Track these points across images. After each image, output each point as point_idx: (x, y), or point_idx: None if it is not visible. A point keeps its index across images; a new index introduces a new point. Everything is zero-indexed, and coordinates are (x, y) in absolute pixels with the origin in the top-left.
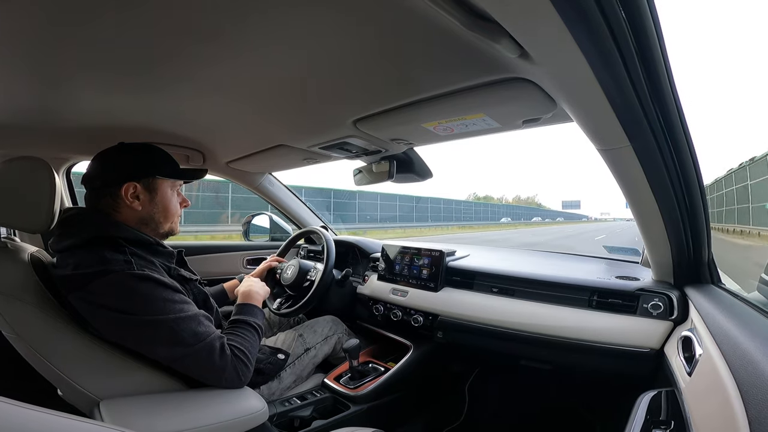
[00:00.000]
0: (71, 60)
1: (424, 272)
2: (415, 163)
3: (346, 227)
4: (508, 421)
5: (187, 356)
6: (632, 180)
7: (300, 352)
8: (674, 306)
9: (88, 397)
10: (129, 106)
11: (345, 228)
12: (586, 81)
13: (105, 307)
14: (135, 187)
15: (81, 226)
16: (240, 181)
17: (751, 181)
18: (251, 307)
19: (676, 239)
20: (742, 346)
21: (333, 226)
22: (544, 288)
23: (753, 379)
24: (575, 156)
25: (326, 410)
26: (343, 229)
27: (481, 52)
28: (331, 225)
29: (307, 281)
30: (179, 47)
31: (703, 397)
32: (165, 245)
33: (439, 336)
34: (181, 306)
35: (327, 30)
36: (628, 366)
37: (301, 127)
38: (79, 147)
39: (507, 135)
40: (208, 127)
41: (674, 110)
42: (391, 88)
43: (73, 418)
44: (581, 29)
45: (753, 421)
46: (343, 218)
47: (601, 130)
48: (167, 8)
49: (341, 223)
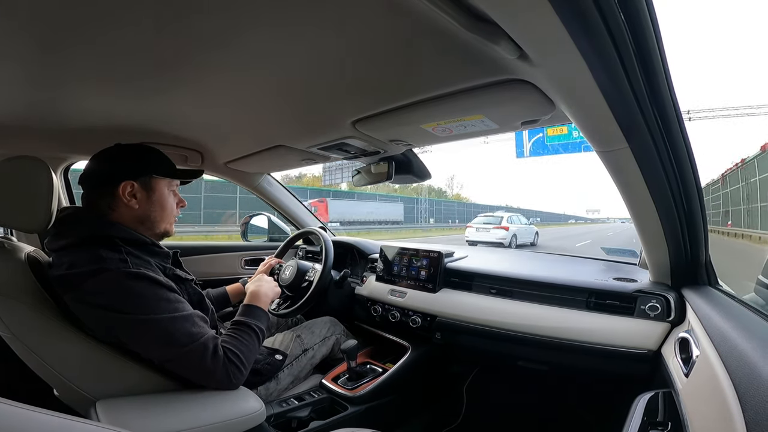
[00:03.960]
0: (71, 61)
1: (422, 273)
2: (414, 164)
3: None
4: (506, 422)
5: (180, 356)
6: (630, 181)
7: (298, 352)
8: (671, 307)
9: (84, 398)
10: (127, 107)
11: (343, 229)
12: (585, 83)
13: (100, 307)
14: (132, 185)
15: (77, 225)
16: (238, 182)
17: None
18: (255, 309)
19: (673, 241)
20: (739, 347)
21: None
22: (542, 289)
23: (750, 381)
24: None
25: (324, 411)
26: (342, 230)
27: (480, 54)
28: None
29: (306, 282)
30: (179, 49)
31: (700, 399)
32: (161, 245)
33: (437, 337)
34: (175, 306)
35: (326, 31)
36: (625, 367)
37: (300, 127)
38: (77, 147)
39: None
40: (206, 127)
41: (672, 112)
42: (390, 89)
43: (69, 419)
44: (580, 31)
45: (750, 422)
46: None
47: (599, 132)
48: (167, 10)
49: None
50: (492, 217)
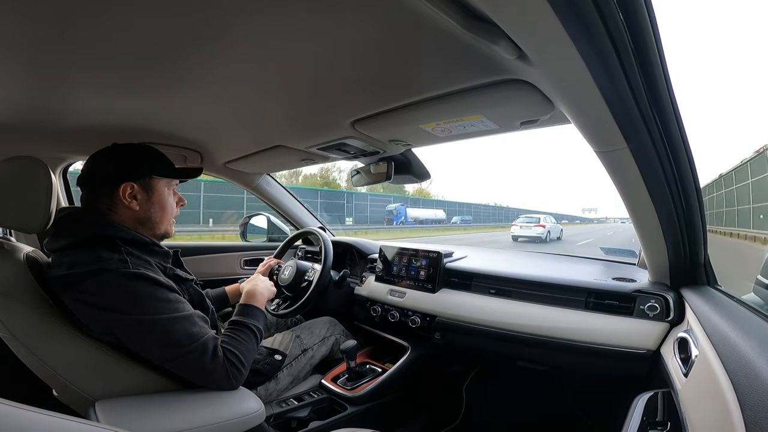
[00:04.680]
0: (70, 60)
1: (421, 273)
2: (413, 165)
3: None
4: (506, 422)
5: (179, 357)
6: (629, 182)
7: (297, 353)
8: (671, 307)
9: (83, 398)
10: (127, 107)
11: (342, 229)
12: (584, 83)
13: (99, 307)
14: (132, 187)
15: (76, 225)
16: (238, 182)
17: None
18: (252, 309)
19: (672, 241)
20: (738, 347)
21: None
22: (541, 289)
23: (749, 381)
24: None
25: (323, 411)
26: (341, 230)
27: (480, 54)
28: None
29: (305, 282)
30: (178, 48)
31: (699, 399)
32: (161, 245)
33: (436, 337)
34: (175, 306)
35: (325, 31)
36: (624, 367)
37: (299, 128)
38: (76, 147)
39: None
40: (206, 127)
41: (671, 112)
42: (389, 89)
43: (68, 419)
44: (579, 31)
45: (749, 422)
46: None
47: (599, 132)
48: (167, 9)
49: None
50: (532, 217)
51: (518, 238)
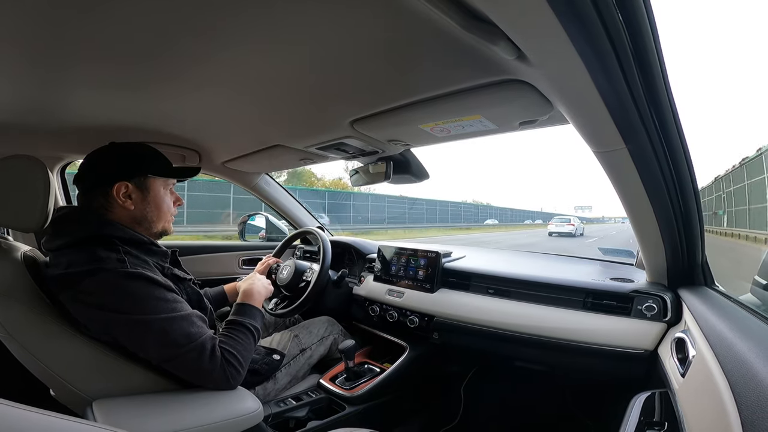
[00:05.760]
0: (67, 59)
1: (420, 273)
2: (412, 165)
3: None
4: (504, 422)
5: (178, 357)
6: (627, 182)
7: (295, 352)
8: (668, 308)
9: (80, 397)
10: (125, 106)
11: (342, 228)
12: (583, 83)
13: (97, 306)
14: (127, 186)
15: (74, 225)
16: (236, 181)
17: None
18: (250, 308)
19: (670, 241)
20: (735, 347)
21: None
22: (539, 289)
23: (746, 381)
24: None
25: (322, 411)
26: (340, 230)
27: (479, 54)
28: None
29: (303, 282)
30: (177, 46)
31: (696, 398)
32: (159, 245)
33: (434, 337)
34: (173, 305)
35: (324, 30)
36: (621, 367)
37: (298, 127)
38: (74, 146)
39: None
40: (204, 126)
41: (669, 113)
42: (388, 89)
43: (65, 419)
44: (578, 32)
45: (746, 422)
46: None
47: (597, 132)
48: (165, 6)
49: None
50: (565, 217)
51: (553, 233)
